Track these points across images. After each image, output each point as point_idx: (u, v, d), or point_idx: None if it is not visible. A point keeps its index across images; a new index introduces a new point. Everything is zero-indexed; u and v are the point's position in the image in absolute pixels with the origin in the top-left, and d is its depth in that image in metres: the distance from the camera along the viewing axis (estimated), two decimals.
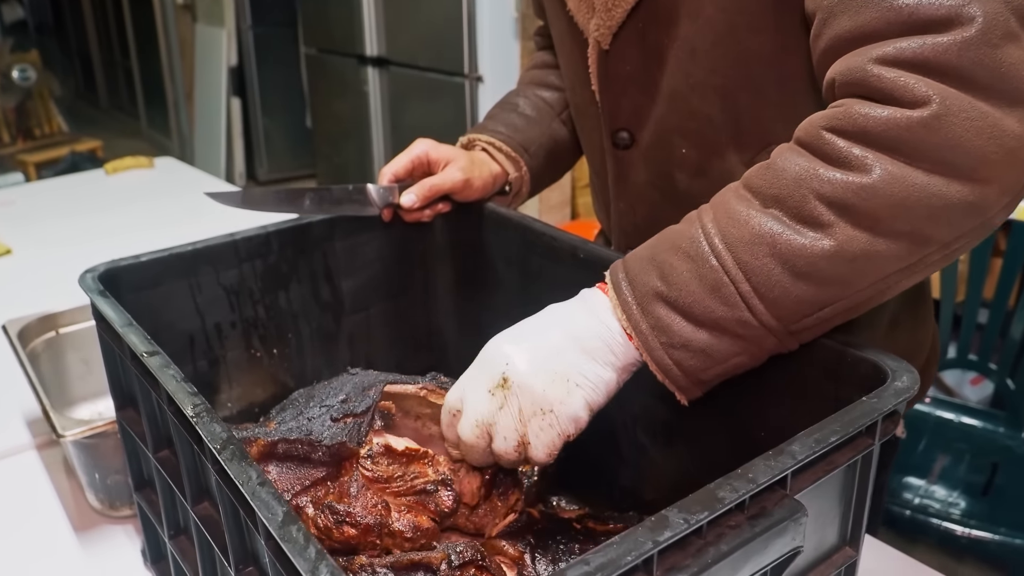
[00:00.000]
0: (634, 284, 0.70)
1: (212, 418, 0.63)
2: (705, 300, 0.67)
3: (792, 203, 0.65)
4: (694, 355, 0.69)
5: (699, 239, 0.68)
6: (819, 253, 0.64)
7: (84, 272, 0.88)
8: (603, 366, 0.71)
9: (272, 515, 0.52)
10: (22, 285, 1.68)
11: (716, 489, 0.53)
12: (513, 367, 0.71)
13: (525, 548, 0.74)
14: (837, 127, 0.65)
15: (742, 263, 0.66)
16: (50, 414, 0.98)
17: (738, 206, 0.68)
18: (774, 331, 0.67)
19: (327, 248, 1.04)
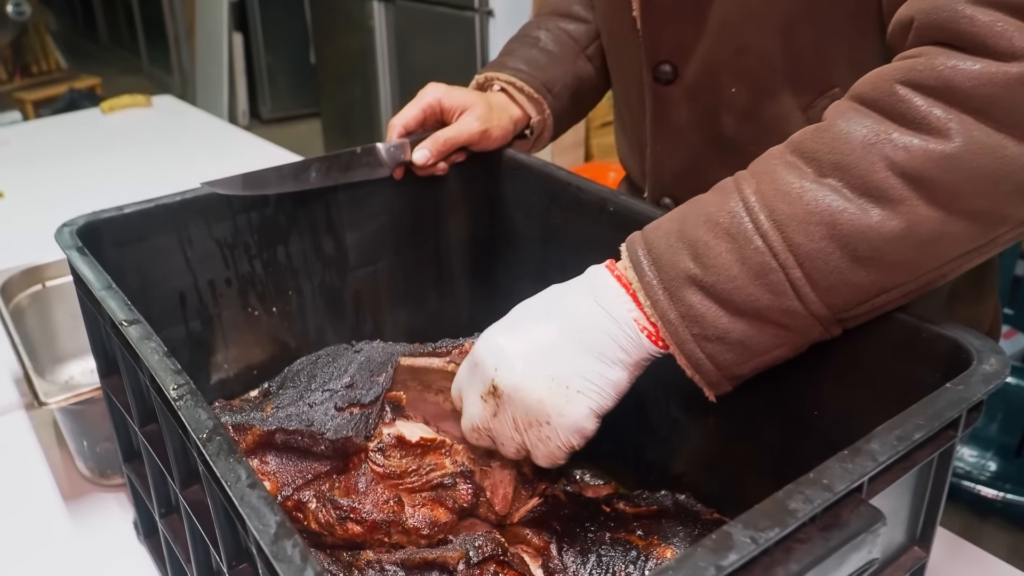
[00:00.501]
0: (661, 265, 0.61)
1: (197, 402, 0.55)
2: (748, 287, 0.58)
3: (856, 172, 0.55)
4: (730, 348, 0.60)
5: (740, 214, 0.59)
6: (886, 235, 0.55)
7: (61, 226, 0.80)
8: (611, 365, 0.63)
9: (264, 525, 0.44)
10: (13, 231, 1.61)
11: (786, 499, 0.45)
12: (503, 373, 0.63)
13: (551, 537, 0.67)
14: (916, 80, 0.55)
15: (794, 246, 0.57)
16: (32, 378, 0.90)
17: (788, 175, 0.58)
18: (822, 320, 0.59)
19: (329, 199, 0.95)
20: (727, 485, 0.81)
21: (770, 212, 0.57)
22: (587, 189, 0.87)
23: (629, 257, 0.63)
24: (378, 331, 1.06)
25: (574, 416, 0.62)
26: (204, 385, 0.95)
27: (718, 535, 0.42)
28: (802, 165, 0.58)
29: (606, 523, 0.70)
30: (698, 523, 0.71)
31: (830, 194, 0.56)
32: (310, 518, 0.65)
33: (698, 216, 0.61)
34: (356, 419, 0.68)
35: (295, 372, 0.79)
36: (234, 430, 0.68)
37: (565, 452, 0.64)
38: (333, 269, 0.99)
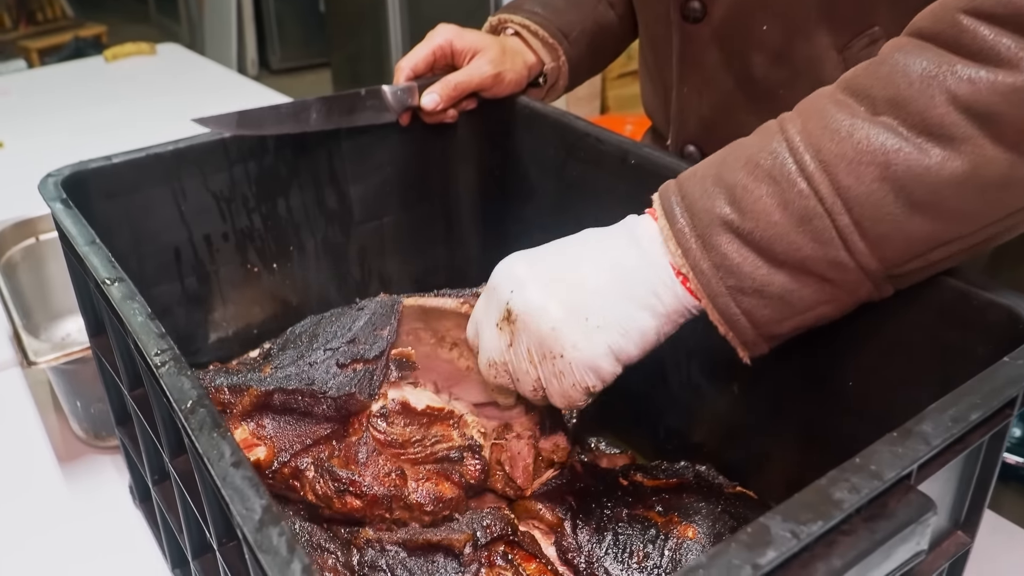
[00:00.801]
0: (693, 211, 0.56)
1: (180, 368, 0.50)
2: (790, 234, 0.53)
3: (914, 108, 0.50)
4: (768, 303, 0.55)
5: (783, 155, 0.53)
6: (947, 178, 0.49)
7: (46, 177, 0.75)
8: (640, 309, 0.57)
9: (248, 510, 0.40)
10: (11, 182, 1.56)
11: (830, 488, 0.40)
12: (519, 297, 0.58)
13: (565, 514, 0.63)
14: (981, 9, 0.49)
15: (842, 188, 0.51)
16: (21, 336, 0.86)
17: (837, 114, 0.52)
18: (872, 275, 0.54)
19: (332, 149, 0.90)
20: (751, 456, 0.76)
21: (816, 152, 0.52)
22: (607, 140, 0.81)
23: (661, 204, 0.58)
24: (384, 289, 1.01)
25: (590, 352, 0.57)
26: (202, 345, 0.91)
27: (754, 528, 0.38)
28: (853, 103, 0.52)
29: (623, 498, 0.66)
30: (721, 498, 0.67)
31: (884, 132, 0.50)
32: (307, 488, 0.61)
33: (737, 159, 0.55)
34: (359, 375, 0.63)
35: (297, 334, 0.74)
36: (230, 391, 0.64)
37: (581, 393, 0.58)
38: (336, 223, 0.94)
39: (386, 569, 0.56)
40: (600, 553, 0.61)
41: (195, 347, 0.91)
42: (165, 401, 0.54)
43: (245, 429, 0.63)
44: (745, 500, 0.68)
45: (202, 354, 0.91)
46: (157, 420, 0.60)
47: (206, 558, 0.61)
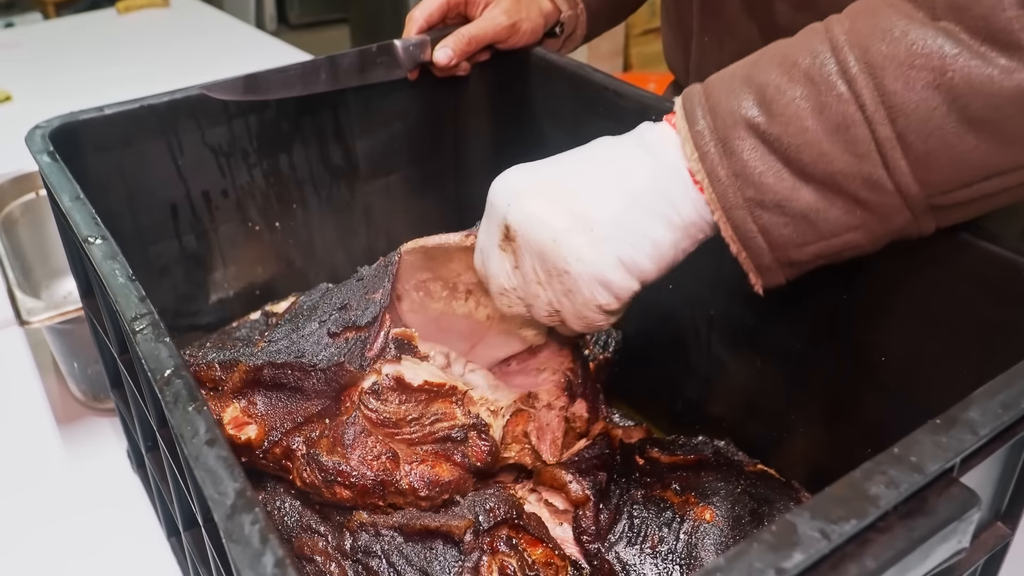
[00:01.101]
0: (716, 111, 0.50)
1: (159, 335, 0.47)
2: (822, 143, 0.47)
3: (978, 12, 0.43)
4: (789, 222, 0.49)
5: (824, 54, 0.47)
6: (1011, 91, 0.43)
7: (33, 128, 0.71)
8: (652, 218, 0.51)
9: (219, 495, 0.37)
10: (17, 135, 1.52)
11: (865, 482, 0.36)
12: (516, 209, 0.53)
13: (594, 490, 0.58)
14: None
15: (887, 94, 0.45)
16: (15, 294, 0.83)
17: (891, 15, 0.46)
18: (911, 202, 0.47)
19: (338, 102, 0.86)
20: (773, 432, 0.72)
21: (863, 52, 0.46)
22: (626, 94, 0.76)
23: (683, 105, 0.52)
24: (392, 249, 0.97)
25: (597, 263, 0.51)
26: (202, 305, 0.88)
27: (780, 527, 0.33)
28: (910, 7, 0.46)
29: (640, 477, 0.62)
30: (741, 476, 0.63)
31: (942, 36, 0.44)
32: (295, 474, 0.58)
33: (772, 58, 0.50)
34: (351, 344, 0.59)
35: (302, 306, 0.71)
36: (221, 368, 0.60)
37: (596, 312, 0.53)
38: (342, 180, 0.90)
39: (381, 555, 0.52)
40: (613, 537, 0.57)
41: (195, 308, 0.87)
42: (144, 369, 0.50)
43: (236, 407, 0.59)
44: (766, 479, 0.64)
45: (203, 315, 0.88)
46: (143, 387, 0.56)
47: (194, 531, 0.58)
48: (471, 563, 0.51)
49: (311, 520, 0.57)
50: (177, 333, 0.86)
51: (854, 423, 0.65)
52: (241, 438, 0.59)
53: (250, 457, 0.60)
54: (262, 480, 0.63)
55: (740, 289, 0.63)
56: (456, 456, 0.58)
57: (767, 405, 0.73)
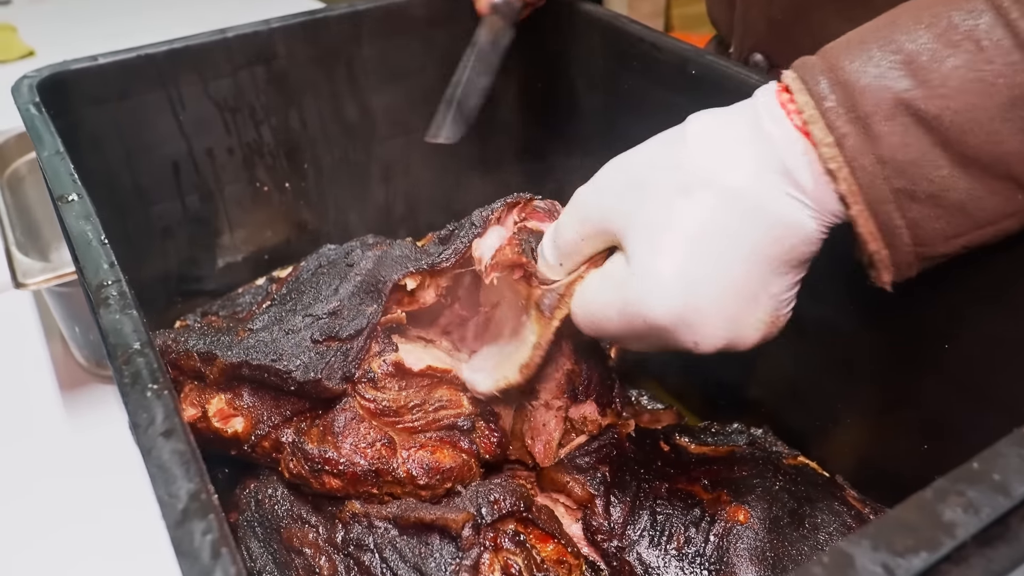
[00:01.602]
0: (852, 87, 0.41)
1: (124, 305, 0.42)
2: (993, 121, 0.39)
3: None
4: (943, 213, 0.42)
5: (986, 13, 0.39)
6: None
7: (21, 78, 0.66)
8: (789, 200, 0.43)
9: (171, 496, 0.31)
10: None
11: (938, 504, 0.29)
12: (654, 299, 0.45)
13: (598, 487, 0.53)
14: None
15: None
16: (12, 256, 0.79)
17: None
18: None
19: (352, 55, 0.80)
20: (816, 420, 0.66)
21: None
22: (664, 47, 0.69)
23: (799, 77, 0.43)
24: (411, 214, 0.91)
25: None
26: (208, 271, 0.83)
27: (833, 560, 0.27)
28: None
29: (664, 468, 0.56)
30: (779, 472, 0.57)
31: None
32: (283, 465, 0.53)
33: (916, 19, 0.41)
34: (331, 356, 0.53)
35: (298, 278, 0.65)
36: (201, 359, 0.55)
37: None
38: (357, 139, 0.84)
39: (373, 549, 0.47)
40: (634, 536, 0.51)
41: (201, 273, 0.83)
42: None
43: (221, 399, 0.54)
44: (807, 475, 0.58)
45: (209, 280, 0.83)
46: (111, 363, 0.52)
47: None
48: (470, 561, 0.46)
49: (302, 510, 0.52)
50: (182, 298, 0.81)
51: (908, 415, 0.58)
52: (228, 431, 0.54)
53: (239, 450, 0.55)
54: (256, 465, 0.58)
55: None
56: (463, 443, 0.52)
57: (810, 391, 0.66)
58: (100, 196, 0.72)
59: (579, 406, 0.57)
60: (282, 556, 0.51)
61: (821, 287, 0.60)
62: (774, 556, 0.50)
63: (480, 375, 0.55)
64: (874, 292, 0.57)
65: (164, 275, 0.80)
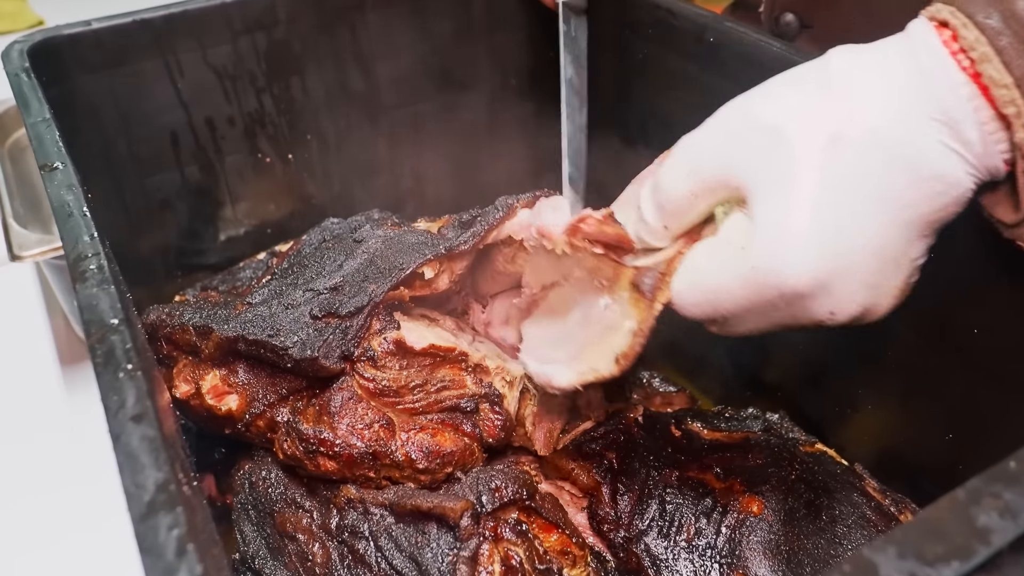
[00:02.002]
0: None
1: (101, 280, 0.39)
2: None
3: None
4: None
5: None
6: None
7: (11, 43, 0.64)
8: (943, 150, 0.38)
9: (137, 487, 0.29)
10: None
11: (972, 507, 0.27)
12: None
13: (604, 475, 0.51)
14: None
15: None
16: (9, 227, 0.77)
17: None
18: None
19: (356, 20, 0.77)
20: (835, 406, 0.63)
21: None
22: (680, 13, 0.66)
23: (960, 11, 0.38)
24: (419, 188, 0.89)
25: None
26: (209, 244, 0.81)
27: (854, 566, 0.25)
28: None
29: (675, 454, 0.54)
30: (795, 460, 0.54)
31: None
32: (277, 446, 0.51)
33: None
34: (329, 333, 0.50)
35: (299, 252, 0.63)
36: (197, 333, 0.53)
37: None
38: (361, 108, 0.81)
39: (368, 536, 0.45)
40: (642, 526, 0.49)
41: (202, 246, 0.80)
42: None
43: (216, 375, 0.52)
44: (825, 463, 0.55)
45: (210, 254, 0.81)
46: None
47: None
48: (468, 552, 0.43)
49: (296, 493, 0.50)
50: (181, 272, 0.79)
51: (934, 402, 0.56)
52: (222, 409, 0.52)
53: (233, 429, 0.53)
54: (252, 445, 0.56)
55: None
56: (465, 426, 0.50)
57: (830, 376, 0.64)
58: (96, 167, 0.71)
59: (585, 391, 0.55)
60: (275, 541, 0.49)
61: None
62: (789, 550, 0.47)
63: (556, 368, 0.48)
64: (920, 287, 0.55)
65: (163, 248, 0.77)
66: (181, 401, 0.55)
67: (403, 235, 0.59)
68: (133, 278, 0.77)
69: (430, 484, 0.49)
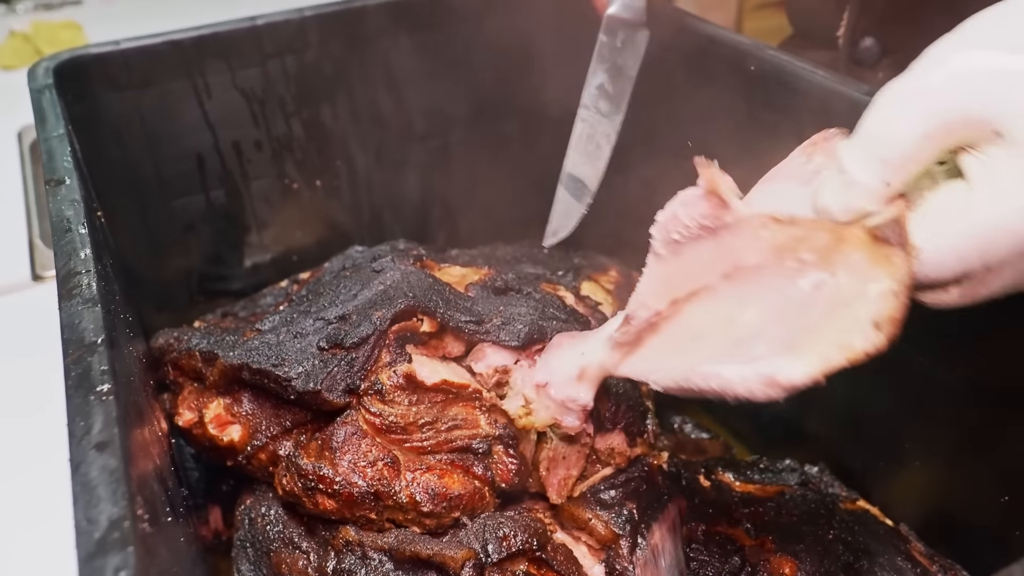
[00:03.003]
0: None
1: (87, 300, 0.37)
2: None
3: None
4: None
5: None
6: None
7: (38, 61, 0.63)
8: None
9: (89, 521, 0.27)
10: None
11: None
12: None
13: (623, 527, 0.47)
14: None
15: None
16: (34, 248, 0.77)
17: None
18: None
19: (389, 47, 0.75)
20: (879, 461, 0.59)
21: None
22: (721, 40, 0.63)
23: None
24: (449, 219, 0.86)
25: None
26: (234, 269, 0.79)
27: None
28: None
29: (702, 507, 0.50)
30: (833, 518, 0.50)
31: None
32: (276, 480, 0.48)
33: None
34: (334, 365, 0.48)
35: (324, 282, 0.61)
36: (203, 359, 0.51)
37: None
38: (393, 137, 0.80)
39: None
40: None
41: (226, 272, 0.79)
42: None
43: (220, 403, 0.50)
44: (866, 522, 0.51)
45: (233, 280, 0.79)
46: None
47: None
48: None
49: (294, 533, 0.47)
50: (204, 297, 0.78)
51: (989, 462, 0.51)
52: (224, 439, 0.50)
53: (234, 461, 0.51)
54: (253, 479, 0.53)
55: None
56: (476, 468, 0.47)
57: (875, 428, 0.59)
58: (119, 187, 0.70)
59: (605, 435, 0.51)
60: None
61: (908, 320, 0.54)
62: None
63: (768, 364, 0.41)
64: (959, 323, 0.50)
65: (186, 273, 0.76)
66: (184, 430, 0.53)
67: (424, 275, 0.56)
68: (154, 302, 0.76)
69: (435, 529, 0.46)
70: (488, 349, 0.51)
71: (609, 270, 0.69)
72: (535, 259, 0.73)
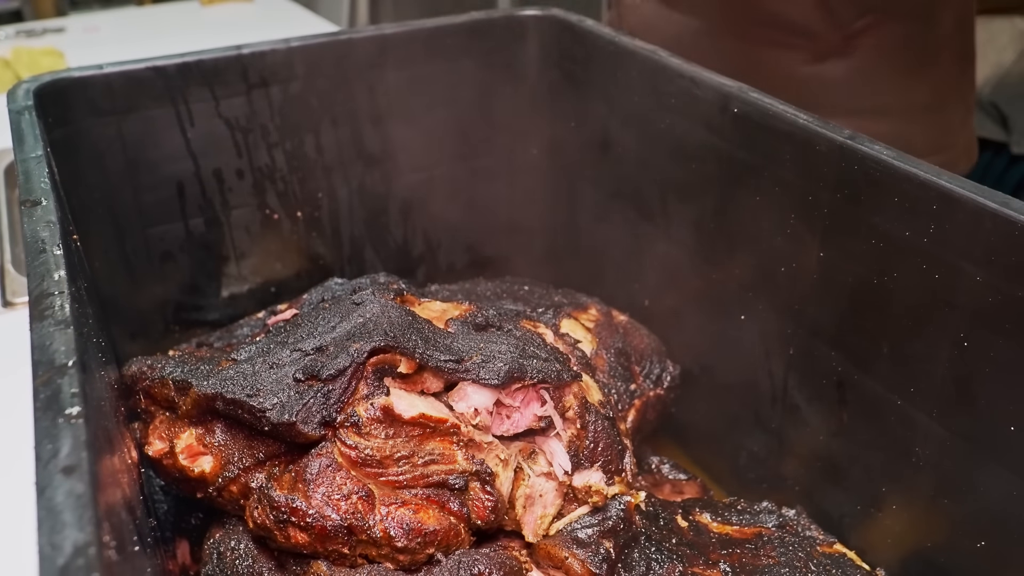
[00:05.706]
0: None
1: (59, 321, 0.36)
2: None
3: None
4: None
5: None
6: None
7: (17, 84, 0.63)
8: None
9: (53, 547, 0.26)
10: None
11: None
12: None
13: (600, 566, 0.46)
14: None
15: None
16: (5, 274, 0.75)
17: None
18: None
19: (374, 81, 0.75)
20: (856, 504, 0.59)
21: None
22: (703, 83, 0.63)
23: None
24: (430, 253, 0.86)
25: None
26: (212, 300, 0.78)
27: None
28: None
29: (679, 547, 0.49)
30: (811, 561, 0.49)
31: None
32: (247, 513, 0.47)
33: None
34: (310, 397, 0.47)
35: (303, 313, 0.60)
36: (176, 388, 0.50)
37: None
38: (376, 170, 0.79)
39: None
40: None
41: (203, 302, 0.78)
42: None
43: (192, 434, 0.49)
44: (844, 566, 0.51)
45: (210, 310, 0.78)
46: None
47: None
48: None
49: (264, 568, 0.46)
50: (179, 327, 0.77)
51: (966, 505, 0.51)
52: (194, 470, 0.48)
53: (205, 493, 0.49)
54: (223, 513, 0.52)
55: (829, 325, 0.50)
56: (452, 504, 0.46)
57: (852, 470, 0.59)
58: (97, 212, 0.69)
59: (583, 472, 0.50)
60: None
61: (870, 356, 0.54)
62: None
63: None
64: (934, 365, 0.51)
65: (162, 301, 0.75)
66: (154, 460, 0.51)
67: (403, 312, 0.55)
68: (128, 330, 0.75)
69: (409, 566, 0.45)
70: (468, 388, 0.50)
71: (589, 308, 0.69)
72: (516, 296, 0.73)
